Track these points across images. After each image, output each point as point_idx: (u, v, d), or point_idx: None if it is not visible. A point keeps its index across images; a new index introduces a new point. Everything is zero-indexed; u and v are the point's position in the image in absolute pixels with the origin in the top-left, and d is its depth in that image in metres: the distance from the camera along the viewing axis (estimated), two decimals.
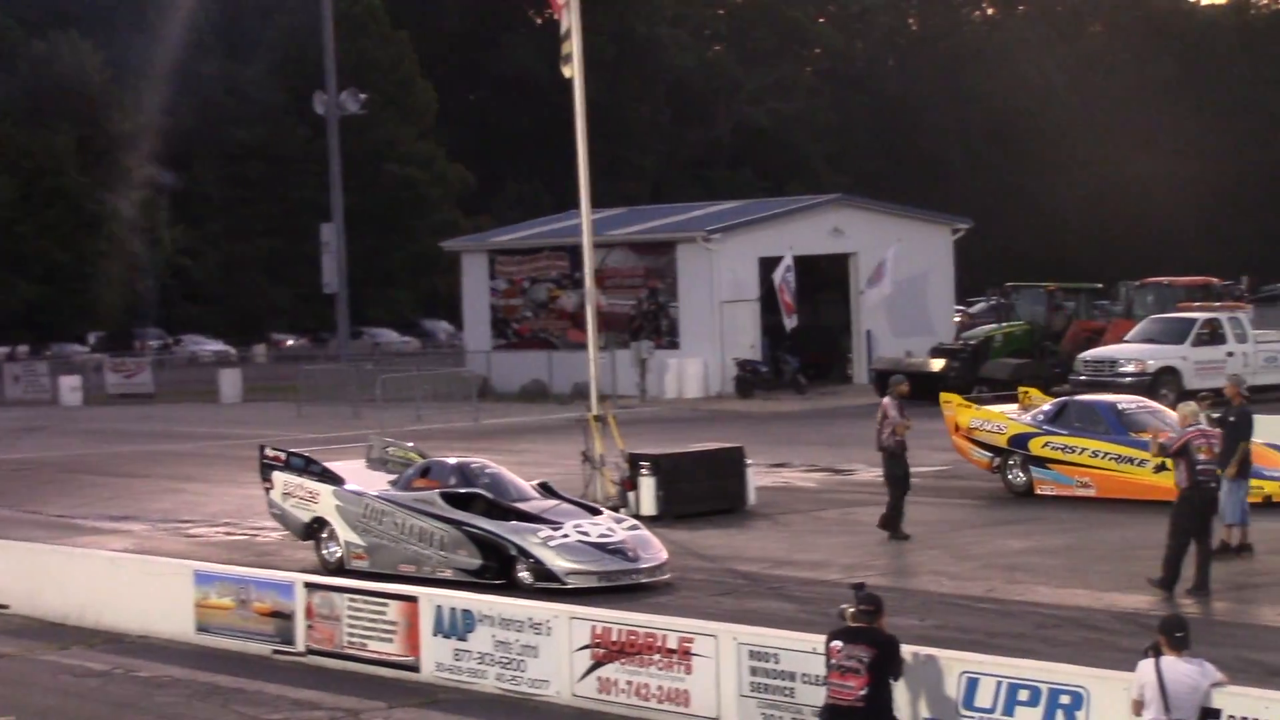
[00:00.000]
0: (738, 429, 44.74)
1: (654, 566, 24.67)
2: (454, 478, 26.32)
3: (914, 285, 61.68)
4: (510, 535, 24.76)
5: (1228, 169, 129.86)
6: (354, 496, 26.92)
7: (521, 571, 24.45)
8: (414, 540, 25.74)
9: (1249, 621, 21.63)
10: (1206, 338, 48.92)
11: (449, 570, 25.17)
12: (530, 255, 64.40)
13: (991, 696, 15.76)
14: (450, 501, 25.68)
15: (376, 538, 26.33)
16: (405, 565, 25.75)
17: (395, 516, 26.07)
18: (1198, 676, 14.13)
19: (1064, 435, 31.65)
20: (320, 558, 27.13)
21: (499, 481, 26.34)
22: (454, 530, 25.24)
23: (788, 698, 16.94)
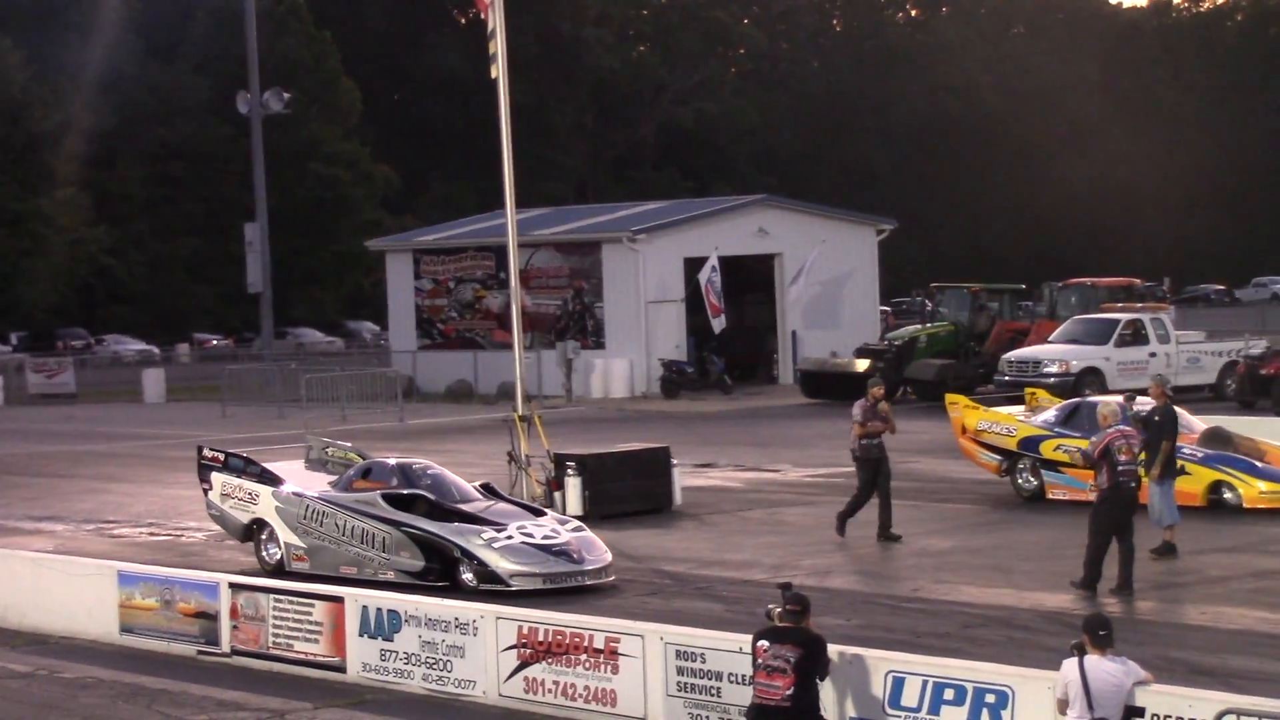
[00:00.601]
0: (664, 429, 44.76)
1: (599, 568, 24.47)
2: (396, 479, 26.04)
3: (839, 285, 61.86)
4: (453, 537, 24.54)
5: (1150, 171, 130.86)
6: (294, 498, 26.66)
7: (465, 574, 24.25)
8: (356, 542, 25.51)
9: (1173, 620, 21.76)
10: (1129, 338, 49.20)
11: (391, 572, 24.93)
12: (455, 255, 64.26)
13: (917, 696, 15.81)
14: (392, 503, 25.42)
15: (317, 539, 26.08)
16: (347, 567, 25.52)
17: (336, 518, 25.82)
18: (1121, 675, 14.22)
19: (1077, 438, 29.73)
20: (260, 559, 26.86)
21: (441, 482, 26.10)
22: (396, 532, 24.99)
23: (714, 697, 16.96)
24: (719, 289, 56.52)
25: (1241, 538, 26.44)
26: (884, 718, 15.94)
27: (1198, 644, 20.15)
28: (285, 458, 30.10)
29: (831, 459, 39.29)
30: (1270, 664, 19.01)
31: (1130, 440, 23.27)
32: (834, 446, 41.81)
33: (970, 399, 35.70)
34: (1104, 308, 52.26)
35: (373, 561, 25.24)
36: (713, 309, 56.48)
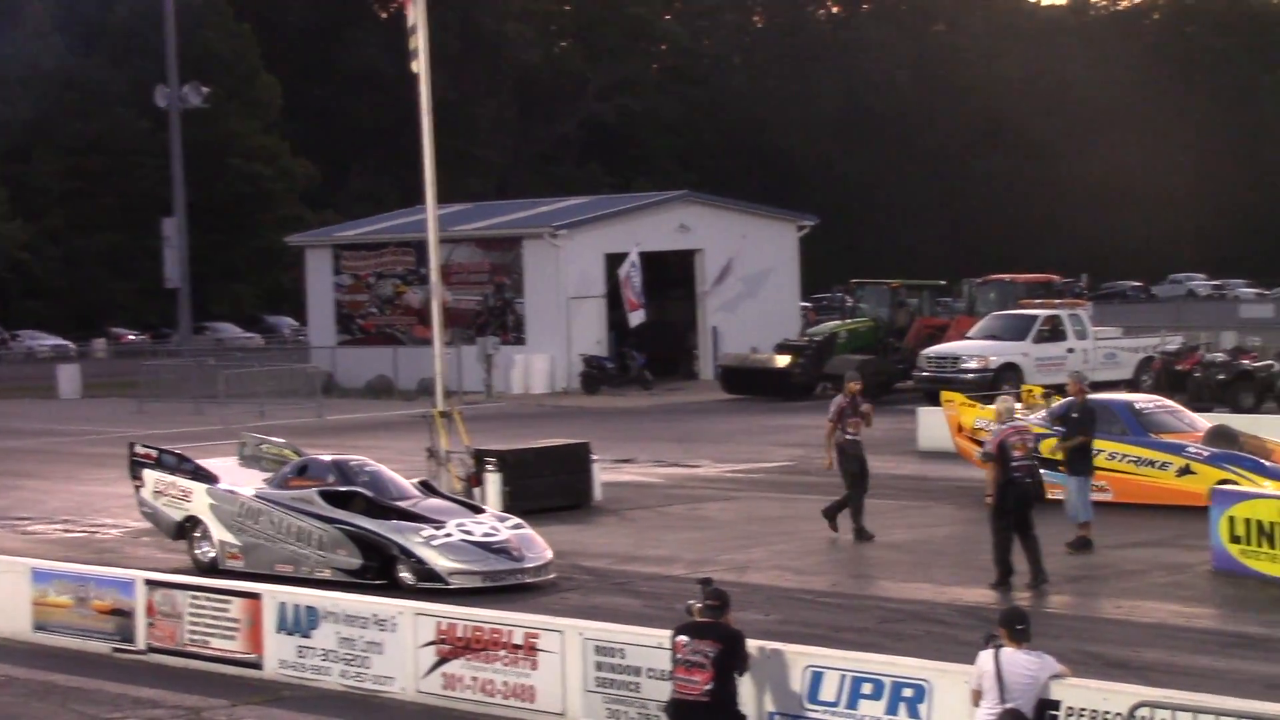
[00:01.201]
0: (584, 425, 44.74)
1: (539, 566, 24.32)
2: (332, 475, 25.78)
3: (760, 281, 62.00)
4: (392, 534, 24.35)
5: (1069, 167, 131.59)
6: (229, 495, 26.38)
7: (403, 572, 24.05)
8: (291, 539, 25.26)
9: (1088, 614, 21.92)
10: (1047, 334, 49.49)
11: (328, 570, 24.71)
12: (376, 251, 64.10)
13: (836, 690, 15.87)
14: (329, 500, 25.21)
15: (252, 537, 25.79)
16: (282, 565, 25.28)
17: (272, 515, 25.56)
18: (1036, 669, 14.33)
19: None
20: (193, 557, 26.58)
21: (379, 479, 25.84)
22: (333, 529, 24.78)
23: (633, 692, 16.98)
24: (637, 284, 56.58)
25: (1157, 532, 26.64)
26: (803, 712, 15.99)
27: (1113, 637, 20.30)
28: (218, 455, 29.80)
29: (752, 454, 39.45)
30: (1183, 657, 19.19)
31: (1024, 436, 23.53)
32: (754, 442, 42.06)
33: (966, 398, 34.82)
34: (1022, 304, 52.54)
35: (309, 559, 25.01)
36: (630, 304, 56.58)
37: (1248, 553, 23.24)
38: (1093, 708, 14.33)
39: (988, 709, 14.25)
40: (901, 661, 16.10)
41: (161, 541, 28.88)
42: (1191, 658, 19.20)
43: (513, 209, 68.71)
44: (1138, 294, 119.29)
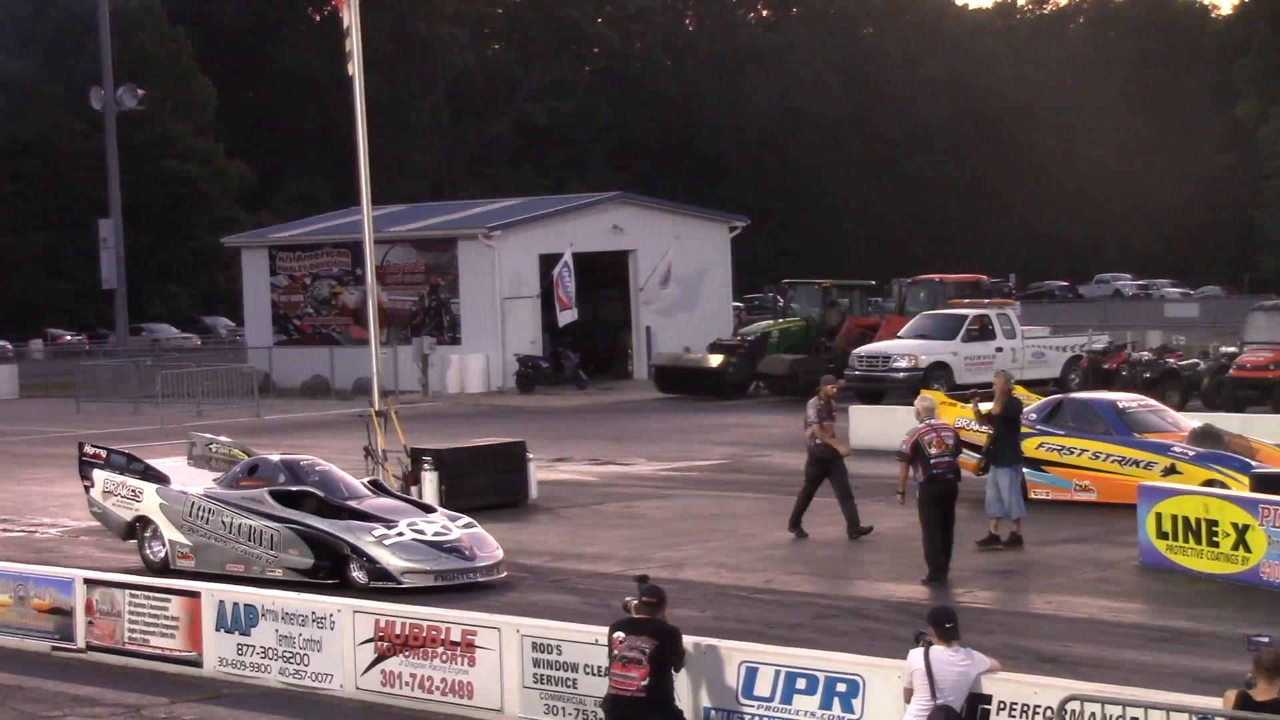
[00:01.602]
0: (519, 424, 44.74)
1: (490, 565, 24.20)
2: (283, 475, 25.56)
3: (693, 282, 62.07)
4: (344, 534, 24.18)
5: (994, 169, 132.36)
6: (179, 495, 26.12)
7: (355, 571, 23.87)
8: (243, 539, 25.01)
9: (1019, 610, 22.01)
10: (976, 333, 49.66)
11: (280, 570, 24.49)
12: (311, 252, 63.91)
13: (770, 685, 15.90)
14: (280, 500, 24.99)
15: (203, 537, 25.52)
16: (233, 565, 25.03)
17: (223, 515, 25.31)
18: (966, 666, 14.41)
19: (1061, 436, 29.52)
20: (143, 557, 26.30)
21: (330, 479, 25.60)
22: (285, 529, 24.56)
23: (570, 689, 16.99)
24: (568, 285, 56.54)
25: (1085, 529, 26.77)
26: (738, 707, 16.02)
27: (1043, 633, 20.40)
28: (167, 455, 29.56)
29: (685, 453, 39.49)
30: (1112, 651, 19.28)
31: (941, 434, 23.71)
32: (688, 441, 42.10)
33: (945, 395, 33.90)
34: (951, 303, 52.72)
35: (260, 559, 24.79)
36: (561, 303, 56.59)
37: (1174, 548, 23.39)
38: (1024, 701, 14.42)
39: (919, 707, 14.31)
40: (835, 657, 16.15)
41: (101, 540, 28.74)
42: (1120, 652, 19.31)
43: (447, 210, 68.62)
44: (1065, 294, 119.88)
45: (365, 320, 32.31)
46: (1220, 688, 13.56)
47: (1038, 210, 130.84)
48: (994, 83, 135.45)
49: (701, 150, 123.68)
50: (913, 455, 23.57)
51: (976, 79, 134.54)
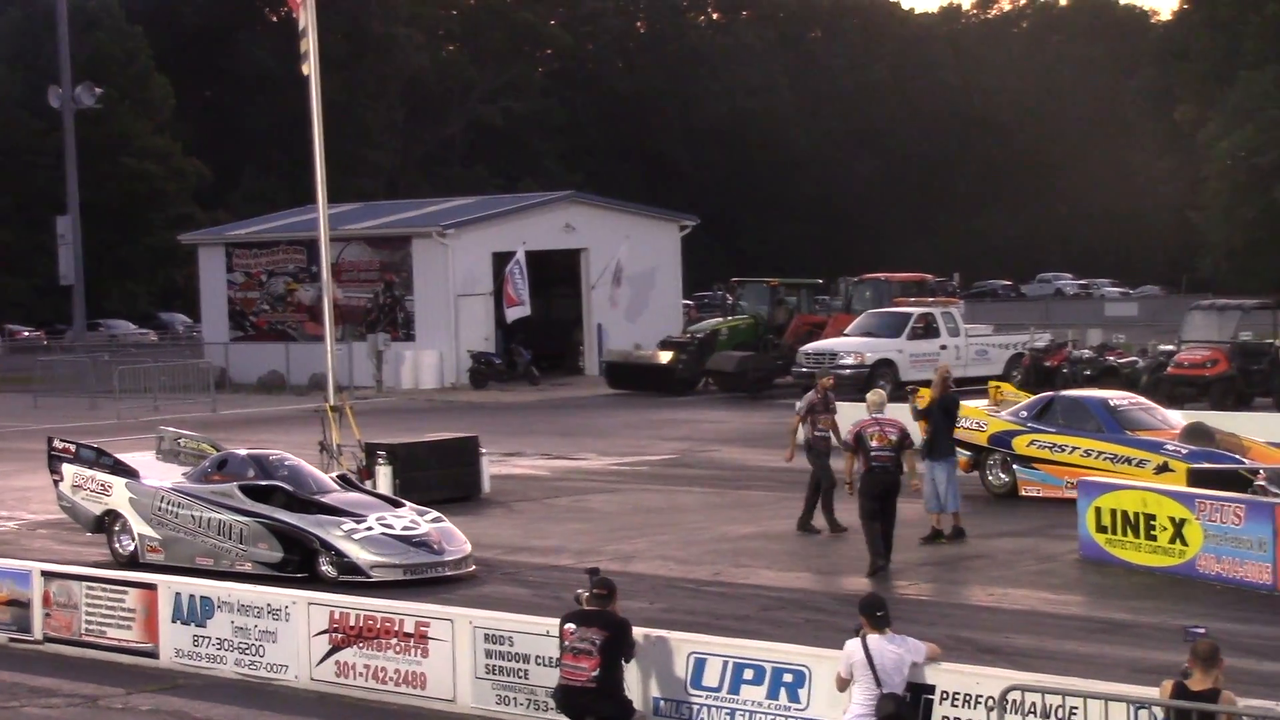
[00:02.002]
0: (472, 419, 44.70)
1: (459, 559, 24.05)
2: (252, 470, 25.41)
3: (644, 280, 62.10)
4: (313, 528, 23.96)
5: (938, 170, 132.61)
6: (148, 489, 25.89)
7: (324, 565, 23.68)
8: (212, 534, 24.75)
9: (961, 601, 22.08)
10: (921, 331, 49.81)
11: (249, 564, 24.25)
12: (267, 249, 63.75)
13: (718, 676, 15.93)
14: (249, 494, 24.80)
15: (173, 531, 25.25)
16: (203, 558, 24.75)
17: (192, 509, 25.07)
18: (902, 653, 14.49)
19: (1052, 433, 28.96)
20: (112, 551, 26.03)
21: (298, 474, 25.48)
22: (254, 523, 24.33)
23: (522, 679, 16.99)
24: (518, 282, 56.50)
25: (1026, 522, 26.87)
26: (687, 697, 16.05)
27: (984, 624, 20.46)
28: (134, 449, 29.25)
29: (635, 448, 39.52)
30: (1052, 642, 19.36)
31: (885, 428, 23.80)
32: (638, 436, 42.13)
33: None
34: (897, 302, 52.88)
35: (230, 553, 24.52)
36: (509, 300, 56.61)
37: (1113, 542, 23.49)
38: (966, 691, 14.48)
39: (864, 697, 14.35)
40: (781, 648, 16.18)
41: (59, 534, 28.64)
42: (1060, 643, 19.39)
43: (402, 209, 68.50)
44: (1008, 293, 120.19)
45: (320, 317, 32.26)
46: (1158, 678, 13.63)
47: (981, 211, 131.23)
48: (939, 86, 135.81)
49: (652, 151, 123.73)
50: (855, 446, 23.66)
51: (922, 82, 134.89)
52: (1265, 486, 23.44)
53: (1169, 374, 42.56)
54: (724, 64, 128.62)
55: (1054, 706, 13.68)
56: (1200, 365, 42.75)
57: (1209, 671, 12.78)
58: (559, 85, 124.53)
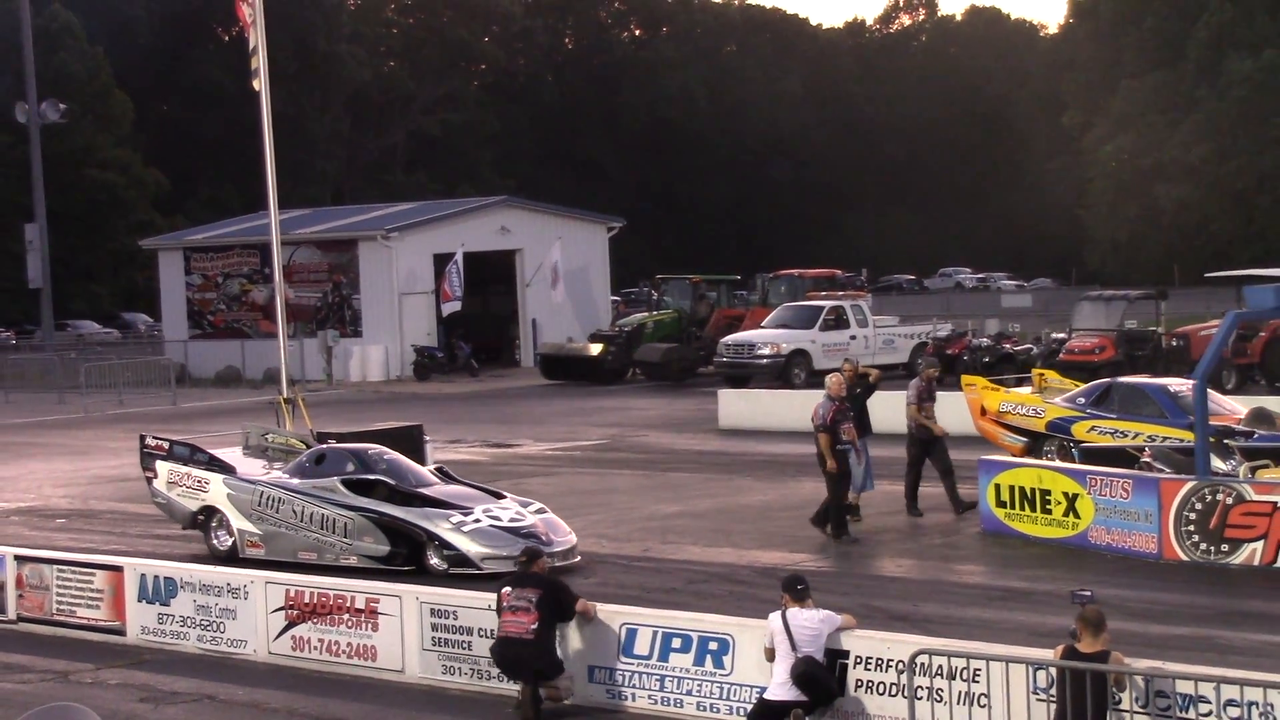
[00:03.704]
0: (416, 409, 44.55)
1: (566, 549, 22.67)
2: (352, 464, 23.84)
3: (575, 278, 62.07)
4: (421, 521, 22.57)
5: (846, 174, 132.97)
6: (247, 485, 24.37)
7: (433, 558, 22.32)
8: (315, 528, 23.35)
9: (873, 573, 22.13)
10: (832, 323, 49.93)
11: (354, 557, 22.85)
12: (223, 252, 63.41)
13: (649, 645, 15.93)
14: (352, 488, 23.37)
15: (274, 526, 23.83)
16: (306, 553, 23.37)
17: (294, 504, 23.63)
18: (819, 623, 14.57)
19: (1113, 419, 27.59)
20: (210, 546, 24.53)
21: (397, 467, 23.93)
22: (359, 517, 22.94)
23: (466, 650, 16.96)
24: (455, 281, 56.42)
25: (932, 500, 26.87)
26: (618, 665, 16.05)
27: (895, 593, 20.52)
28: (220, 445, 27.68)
29: (569, 434, 39.48)
30: (957, 609, 19.43)
31: (849, 414, 23.88)
32: (571, 423, 42.09)
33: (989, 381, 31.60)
34: (810, 295, 52.99)
35: (334, 547, 23.16)
36: (445, 295, 56.60)
37: (1012, 516, 23.60)
38: (878, 656, 14.53)
39: (783, 663, 14.42)
40: (707, 618, 16.20)
41: (30, 520, 28.40)
42: (964, 610, 19.46)
43: (348, 214, 68.25)
44: (912, 286, 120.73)
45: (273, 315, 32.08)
46: (1053, 641, 13.70)
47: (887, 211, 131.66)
48: (846, 95, 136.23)
49: (581, 157, 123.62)
50: (830, 427, 23.52)
51: (830, 92, 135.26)
52: (1151, 463, 23.60)
53: (1061, 360, 42.73)
54: (646, 76, 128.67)
55: (959, 668, 13.73)
56: (1090, 351, 43.00)
57: (1097, 636, 12.84)
58: (493, 97, 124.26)
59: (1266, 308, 23.39)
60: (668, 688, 15.78)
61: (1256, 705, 12.37)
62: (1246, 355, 42.76)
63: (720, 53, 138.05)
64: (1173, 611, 19.19)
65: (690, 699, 15.62)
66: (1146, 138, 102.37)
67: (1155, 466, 23.36)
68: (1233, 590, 20.14)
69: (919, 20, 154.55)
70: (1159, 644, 17.11)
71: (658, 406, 45.76)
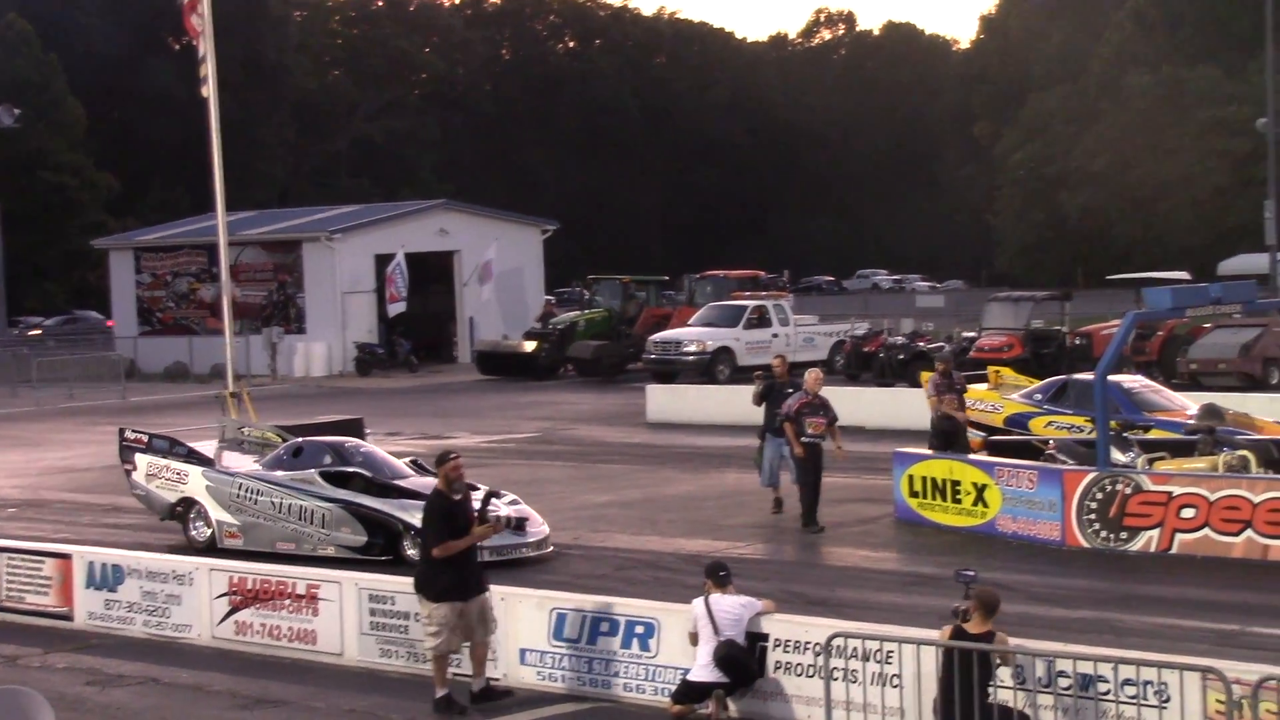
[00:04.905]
0: (358, 403, 44.39)
1: (539, 540, 22.28)
2: (328, 457, 23.40)
3: (510, 278, 61.96)
4: (398, 512, 22.04)
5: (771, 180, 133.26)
6: (225, 477, 23.97)
7: (411, 548, 21.45)
8: (293, 519, 22.93)
9: (792, 560, 22.18)
10: (756, 322, 50.00)
11: (332, 548, 22.44)
12: (172, 253, 63.02)
13: (578, 629, 15.89)
14: (330, 480, 22.95)
15: (252, 517, 23.40)
16: (284, 543, 22.96)
17: (272, 496, 23.24)
18: (740, 608, 14.55)
19: (1070, 415, 27.64)
20: (188, 538, 24.05)
21: (374, 460, 23.43)
22: (337, 508, 22.51)
23: (403, 634, 16.87)
24: (399, 281, 56.25)
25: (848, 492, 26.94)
26: (550, 649, 15.99)
27: (812, 579, 20.55)
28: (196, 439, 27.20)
29: (504, 427, 39.40)
30: (871, 594, 19.48)
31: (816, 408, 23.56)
32: (506, 417, 42.02)
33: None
34: (734, 295, 53.05)
35: (312, 537, 22.75)
36: (390, 297, 56.44)
37: (924, 505, 23.67)
38: (796, 639, 14.53)
39: (706, 646, 14.41)
40: (634, 603, 16.16)
41: None
42: (878, 595, 19.51)
43: (293, 216, 67.92)
44: (831, 287, 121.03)
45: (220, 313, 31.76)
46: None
47: (808, 215, 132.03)
48: (770, 105, 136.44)
49: (517, 163, 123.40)
50: (794, 418, 23.38)
51: (755, 102, 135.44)
52: (1055, 455, 23.72)
53: (971, 357, 42.89)
54: (580, 86, 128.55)
55: (873, 650, 13.74)
56: (999, 349, 43.16)
57: (987, 619, 12.84)
58: (433, 105, 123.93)
59: (1163, 308, 23.64)
60: (596, 670, 15.72)
61: (1151, 684, 12.44)
62: (1145, 353, 43.09)
63: (651, 64, 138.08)
64: (1074, 596, 19.29)
65: (618, 680, 15.58)
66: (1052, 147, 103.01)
67: (1059, 458, 23.49)
68: (1130, 575, 20.27)
69: (839, 34, 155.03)
70: (1061, 626, 17.19)
71: (589, 401, 45.72)
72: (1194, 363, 42.02)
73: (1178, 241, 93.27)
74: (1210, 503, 20.68)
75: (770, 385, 25.19)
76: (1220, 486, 20.79)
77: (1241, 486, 20.70)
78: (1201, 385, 39.10)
